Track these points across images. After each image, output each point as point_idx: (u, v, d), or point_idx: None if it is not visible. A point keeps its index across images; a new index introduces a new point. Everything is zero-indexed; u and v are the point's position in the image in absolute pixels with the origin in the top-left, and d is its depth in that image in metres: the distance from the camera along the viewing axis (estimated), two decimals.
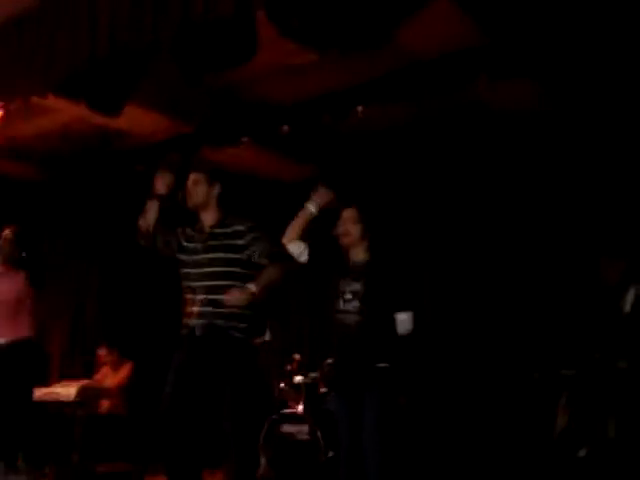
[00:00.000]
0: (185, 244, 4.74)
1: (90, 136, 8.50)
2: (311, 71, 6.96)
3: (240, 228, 4.59)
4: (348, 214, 4.76)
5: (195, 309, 4.54)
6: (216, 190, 4.74)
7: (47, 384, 7.34)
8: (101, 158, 8.82)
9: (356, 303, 4.56)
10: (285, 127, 7.27)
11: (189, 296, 4.63)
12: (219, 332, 4.45)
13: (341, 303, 4.63)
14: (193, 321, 4.51)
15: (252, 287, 4.37)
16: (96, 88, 5.82)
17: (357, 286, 4.60)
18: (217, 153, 7.71)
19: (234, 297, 4.33)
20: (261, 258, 4.50)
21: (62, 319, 9.08)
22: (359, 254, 4.78)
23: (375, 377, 4.41)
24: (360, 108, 6.81)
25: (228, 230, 4.62)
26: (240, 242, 4.55)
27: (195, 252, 4.67)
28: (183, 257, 4.71)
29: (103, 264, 9.37)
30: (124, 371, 7.95)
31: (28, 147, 8.62)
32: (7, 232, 6.07)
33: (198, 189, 4.69)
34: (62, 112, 7.64)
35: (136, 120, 7.58)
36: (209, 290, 4.52)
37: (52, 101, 6.75)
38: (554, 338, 6.64)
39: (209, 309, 4.48)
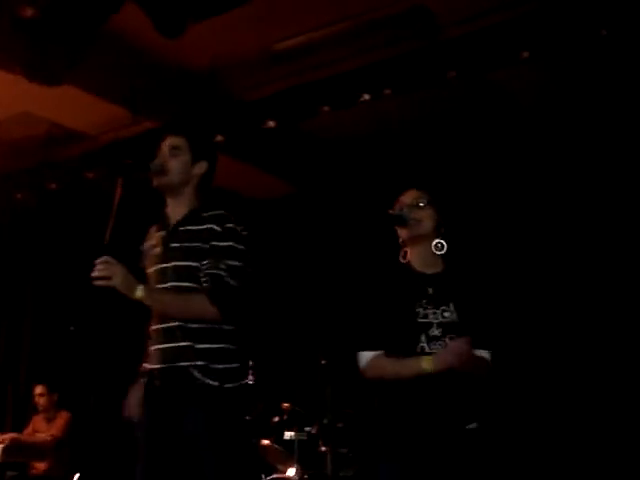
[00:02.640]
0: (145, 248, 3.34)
1: (30, 139, 7.11)
2: (306, 56, 5.73)
3: (216, 228, 3.05)
4: (412, 195, 3.11)
5: (151, 347, 3.14)
6: (200, 170, 3.22)
7: None
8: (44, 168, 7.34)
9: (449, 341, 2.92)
10: (271, 122, 5.92)
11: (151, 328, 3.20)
12: (182, 380, 3.00)
13: (424, 341, 2.95)
14: (150, 364, 3.11)
15: (139, 290, 2.93)
16: (36, 50, 4.43)
17: (448, 314, 2.97)
18: None
19: (104, 266, 2.88)
20: (206, 275, 3.02)
21: None
22: (432, 260, 3.10)
23: (464, 443, 2.89)
24: (367, 96, 5.48)
25: (201, 227, 3.09)
26: (206, 246, 3.05)
27: (153, 259, 3.21)
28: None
29: (38, 290, 7.81)
30: (59, 422, 6.45)
31: None
32: None
33: (176, 161, 3.18)
34: None
35: (87, 112, 6.19)
36: (165, 317, 3.07)
37: None
38: None
39: (168, 345, 3.04)
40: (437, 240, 3.03)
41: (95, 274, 2.89)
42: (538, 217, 6.23)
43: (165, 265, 3.10)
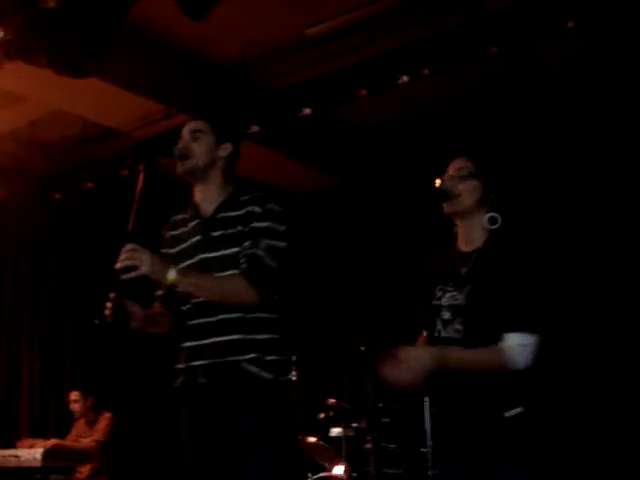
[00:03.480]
0: (171, 235, 3.13)
1: (65, 138, 7.02)
2: (339, 39, 5.55)
3: (256, 210, 2.93)
4: (456, 165, 2.87)
5: (190, 344, 2.94)
6: (225, 152, 3.06)
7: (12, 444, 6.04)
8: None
9: (458, 326, 2.71)
10: (307, 110, 5.73)
11: (182, 329, 3.03)
12: (234, 375, 2.85)
13: (439, 325, 2.77)
14: (191, 362, 2.92)
15: (172, 273, 2.75)
16: (59, 41, 4.30)
17: (459, 298, 2.74)
18: None
19: (130, 256, 2.69)
20: (244, 257, 2.88)
21: (32, 362, 7.45)
22: (474, 237, 2.83)
23: (506, 434, 2.61)
24: (405, 78, 5.26)
25: (240, 212, 2.95)
26: (247, 229, 2.93)
27: (185, 251, 3.02)
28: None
29: (80, 292, 7.70)
30: (101, 425, 6.28)
31: None
32: None
33: (199, 144, 3.01)
34: (29, 101, 6.16)
35: (119, 109, 6.07)
36: (209, 310, 2.90)
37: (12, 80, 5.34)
38: None
39: (212, 340, 2.88)
40: (491, 214, 2.75)
41: (121, 265, 2.73)
42: (585, 193, 6.00)
43: (208, 255, 2.94)
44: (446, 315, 2.74)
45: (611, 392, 5.52)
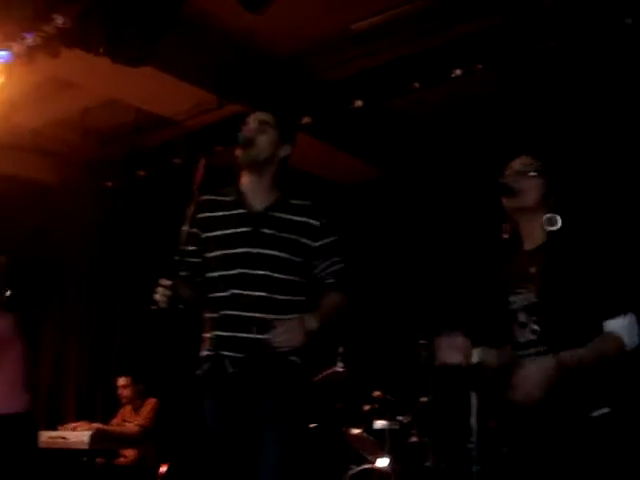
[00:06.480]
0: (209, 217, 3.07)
1: (117, 127, 7.08)
2: (392, 32, 5.51)
3: (313, 223, 3.04)
4: (521, 162, 2.83)
5: (222, 333, 2.95)
6: (284, 153, 3.09)
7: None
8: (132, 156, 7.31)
9: (534, 326, 2.67)
10: (358, 102, 5.73)
11: (210, 315, 3.02)
12: (275, 364, 2.93)
13: (517, 332, 2.74)
14: (221, 351, 2.93)
15: (312, 321, 2.93)
16: (117, 29, 4.34)
17: (530, 297, 2.71)
18: None
19: (284, 337, 2.84)
20: (328, 275, 3.13)
21: (81, 347, 7.54)
22: (535, 234, 2.81)
23: (589, 433, 2.55)
24: (458, 71, 5.23)
25: (295, 218, 3.02)
26: (309, 242, 3.02)
27: (230, 239, 3.00)
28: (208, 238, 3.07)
29: (129, 278, 7.75)
30: (146, 410, 6.30)
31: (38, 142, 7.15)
32: None
33: (265, 137, 3.01)
34: (83, 89, 6.22)
35: (172, 98, 6.10)
36: (252, 304, 2.91)
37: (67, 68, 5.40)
38: None
39: (252, 336, 2.90)
40: (550, 215, 2.73)
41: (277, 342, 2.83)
42: None
43: (257, 250, 2.95)
44: (522, 317, 2.72)
45: None
